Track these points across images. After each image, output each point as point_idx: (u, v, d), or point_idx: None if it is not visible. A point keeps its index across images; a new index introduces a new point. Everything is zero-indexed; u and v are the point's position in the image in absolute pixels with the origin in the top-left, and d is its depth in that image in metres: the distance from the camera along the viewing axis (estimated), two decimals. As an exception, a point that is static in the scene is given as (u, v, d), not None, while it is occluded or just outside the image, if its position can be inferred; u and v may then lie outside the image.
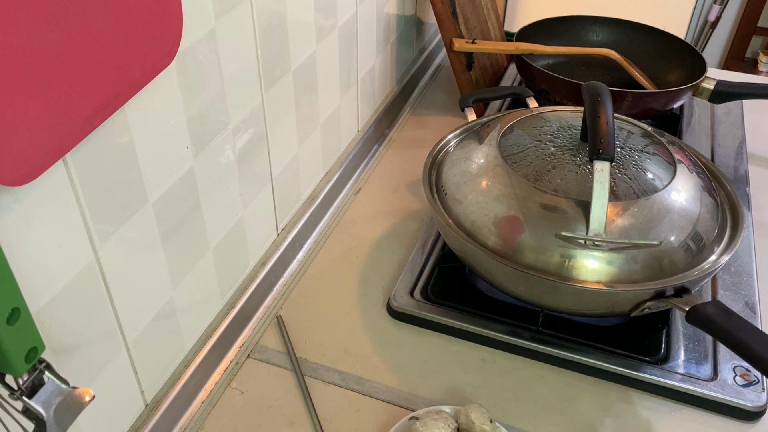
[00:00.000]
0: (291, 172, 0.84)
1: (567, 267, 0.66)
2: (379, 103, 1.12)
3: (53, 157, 0.44)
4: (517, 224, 0.68)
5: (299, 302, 0.81)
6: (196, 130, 0.62)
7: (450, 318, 0.76)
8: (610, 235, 0.65)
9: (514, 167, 0.72)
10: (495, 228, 0.69)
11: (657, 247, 0.66)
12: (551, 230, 0.67)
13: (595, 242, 0.65)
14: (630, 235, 0.66)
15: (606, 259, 0.65)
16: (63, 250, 0.49)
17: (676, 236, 0.67)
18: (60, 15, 0.41)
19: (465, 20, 1.11)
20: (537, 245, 0.67)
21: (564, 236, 0.66)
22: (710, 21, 2.44)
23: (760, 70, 2.50)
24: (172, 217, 0.61)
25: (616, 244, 0.65)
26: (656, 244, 0.66)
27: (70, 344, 0.52)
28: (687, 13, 1.82)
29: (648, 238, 0.66)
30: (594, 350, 0.72)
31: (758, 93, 1.05)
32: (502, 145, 0.75)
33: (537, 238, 0.67)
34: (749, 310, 0.78)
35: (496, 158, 0.74)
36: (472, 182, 0.73)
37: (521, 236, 0.68)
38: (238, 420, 0.68)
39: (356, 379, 0.72)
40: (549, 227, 0.67)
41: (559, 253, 0.66)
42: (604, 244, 0.65)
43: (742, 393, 0.68)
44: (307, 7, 0.78)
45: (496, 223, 0.69)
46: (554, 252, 0.66)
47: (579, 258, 0.66)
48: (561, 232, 0.66)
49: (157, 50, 0.51)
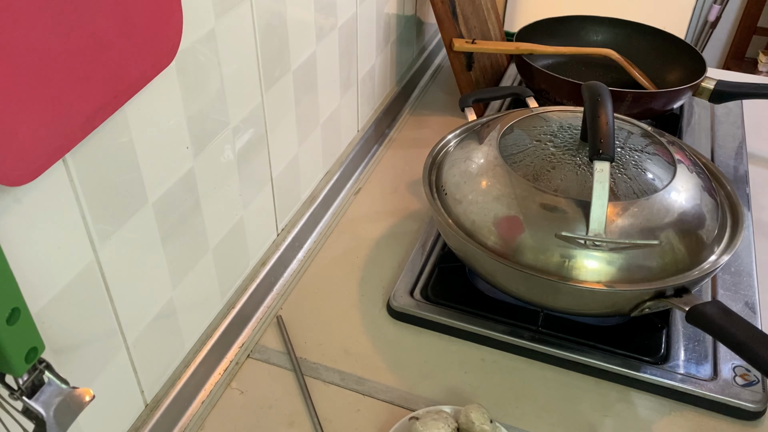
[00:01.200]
0: (291, 172, 0.84)
1: (567, 267, 0.66)
2: (379, 103, 1.12)
3: (53, 157, 0.44)
4: (516, 224, 0.68)
5: (299, 302, 0.81)
6: (196, 130, 0.62)
7: (450, 318, 0.76)
8: (610, 235, 0.65)
9: (514, 167, 0.72)
10: (495, 228, 0.69)
11: (657, 247, 0.66)
12: (551, 230, 0.67)
13: (595, 242, 0.65)
14: (630, 235, 0.66)
15: (606, 259, 0.65)
16: (63, 250, 0.49)
17: (677, 236, 0.67)
18: (60, 15, 0.41)
19: (465, 20, 1.11)
20: (537, 245, 0.67)
21: (564, 236, 0.66)
22: (710, 21, 2.44)
23: (760, 70, 2.50)
24: (172, 217, 0.61)
25: (616, 244, 0.65)
26: (656, 244, 0.66)
27: (70, 344, 0.52)
28: (687, 13, 1.82)
29: (648, 238, 0.66)
30: (594, 350, 0.72)
31: (758, 93, 1.05)
32: (502, 145, 0.75)
33: (537, 238, 0.67)
34: (749, 310, 0.78)
35: (496, 158, 0.73)
36: (472, 182, 0.73)
37: (521, 236, 0.68)
38: (238, 420, 0.68)
39: (356, 379, 0.72)
40: (549, 227, 0.67)
41: (559, 253, 0.66)
42: (604, 244, 0.65)
43: (742, 393, 0.68)
44: (307, 7, 0.78)
45: (496, 223, 0.69)
46: (554, 252, 0.66)
47: (579, 258, 0.66)
48: (561, 232, 0.66)
49: (157, 50, 0.51)
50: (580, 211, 0.66)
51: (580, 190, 0.68)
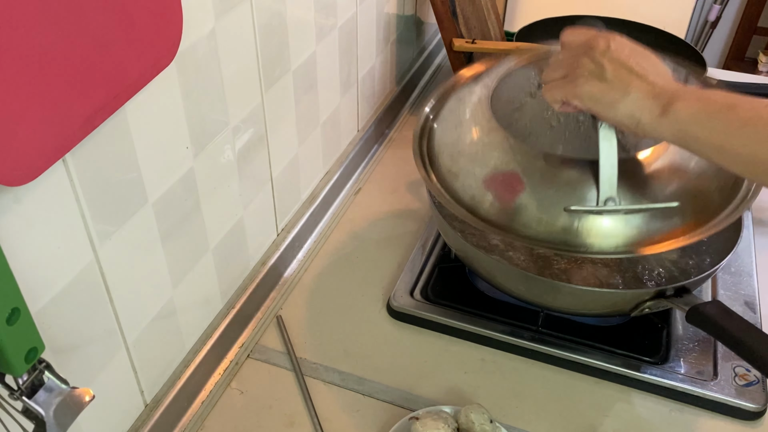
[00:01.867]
0: (291, 172, 0.84)
1: (576, 232, 0.61)
2: (379, 103, 1.12)
3: (53, 157, 0.44)
4: (518, 187, 0.63)
5: (299, 302, 0.81)
6: (196, 130, 0.62)
7: (450, 318, 0.75)
8: (623, 199, 0.60)
9: (510, 130, 0.65)
10: (496, 202, 0.64)
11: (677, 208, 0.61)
12: (557, 199, 0.61)
13: (607, 210, 0.60)
14: (645, 196, 0.61)
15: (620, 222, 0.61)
16: (63, 251, 0.49)
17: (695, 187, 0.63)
18: (60, 15, 0.41)
19: (465, 20, 1.11)
20: (542, 215, 0.62)
21: (574, 210, 0.60)
22: (710, 21, 2.44)
23: (760, 70, 2.50)
24: (172, 217, 0.61)
25: (631, 210, 0.60)
26: (674, 206, 0.60)
27: (70, 344, 0.52)
28: (687, 13, 1.82)
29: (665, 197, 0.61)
30: (594, 350, 0.72)
31: (758, 93, 1.05)
32: (495, 104, 0.68)
33: (542, 206, 0.62)
34: (749, 310, 0.78)
35: (490, 121, 0.67)
36: (467, 152, 0.68)
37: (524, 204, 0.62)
38: (238, 420, 0.68)
39: (356, 379, 0.72)
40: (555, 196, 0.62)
41: (563, 222, 0.61)
42: (619, 210, 0.60)
43: (742, 393, 0.68)
44: (307, 7, 0.78)
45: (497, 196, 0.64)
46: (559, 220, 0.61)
47: (588, 225, 0.61)
48: (570, 206, 0.60)
49: (157, 50, 0.51)
50: (587, 173, 0.61)
51: (586, 149, 0.62)
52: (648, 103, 0.54)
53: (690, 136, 0.53)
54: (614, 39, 0.57)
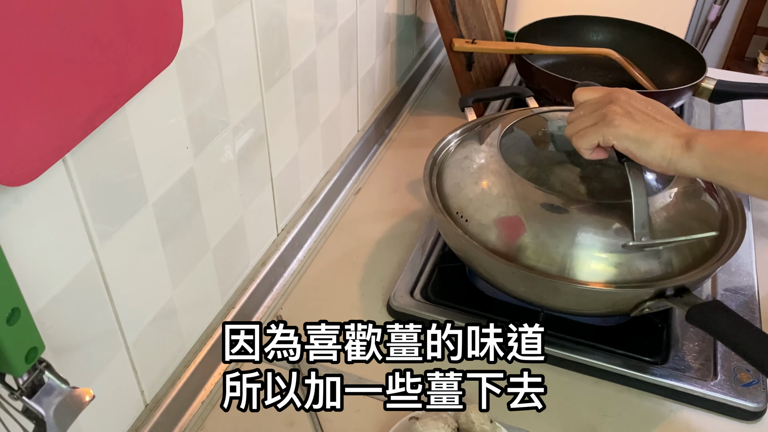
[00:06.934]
0: (291, 172, 0.84)
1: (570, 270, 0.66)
2: (379, 103, 1.12)
3: (53, 157, 0.44)
4: (518, 226, 0.68)
5: (299, 302, 0.81)
6: (196, 130, 0.62)
7: (450, 318, 0.75)
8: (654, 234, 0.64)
9: (516, 169, 0.71)
10: (497, 229, 0.69)
11: None
12: (551, 232, 0.66)
13: (643, 246, 0.64)
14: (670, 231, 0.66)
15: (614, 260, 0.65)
16: (63, 250, 0.49)
17: None
18: (60, 16, 0.41)
19: (465, 20, 1.11)
20: (539, 248, 0.66)
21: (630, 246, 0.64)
22: (710, 21, 2.44)
23: (760, 70, 2.50)
24: (172, 217, 0.61)
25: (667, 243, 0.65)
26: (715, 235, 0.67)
27: (70, 344, 0.52)
28: (687, 13, 1.82)
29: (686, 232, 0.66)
30: (594, 350, 0.72)
31: (758, 93, 1.05)
32: (503, 146, 0.75)
33: (539, 240, 0.67)
34: (749, 310, 0.78)
35: (498, 161, 0.73)
36: (474, 184, 0.73)
37: (522, 237, 0.67)
38: (238, 420, 0.68)
39: (356, 379, 0.71)
40: (551, 229, 0.67)
41: (561, 255, 0.66)
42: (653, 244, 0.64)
43: (742, 393, 0.68)
44: (307, 7, 0.78)
45: (498, 223, 0.69)
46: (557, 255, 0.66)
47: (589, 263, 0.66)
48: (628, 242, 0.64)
49: (157, 50, 0.51)
50: (585, 212, 0.67)
51: (584, 191, 0.68)
52: (675, 142, 0.60)
53: (717, 167, 0.59)
54: (629, 92, 0.65)
